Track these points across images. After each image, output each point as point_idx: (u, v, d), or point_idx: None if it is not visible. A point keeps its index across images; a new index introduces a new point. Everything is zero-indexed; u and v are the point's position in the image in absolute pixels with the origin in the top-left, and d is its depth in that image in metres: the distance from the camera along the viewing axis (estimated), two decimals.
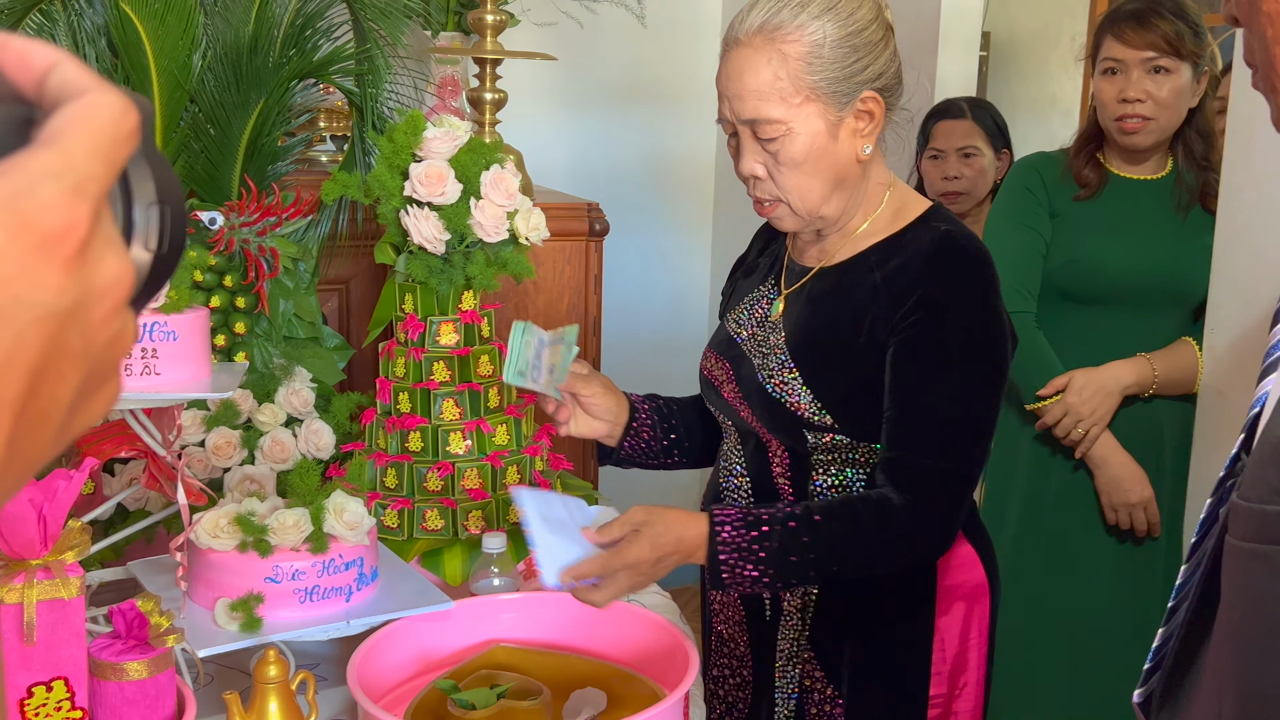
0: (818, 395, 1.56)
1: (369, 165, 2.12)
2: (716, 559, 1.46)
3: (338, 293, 2.43)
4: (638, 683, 1.58)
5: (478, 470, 1.87)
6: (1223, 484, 0.92)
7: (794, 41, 1.49)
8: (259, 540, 1.49)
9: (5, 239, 0.36)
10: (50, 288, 0.37)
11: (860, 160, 1.56)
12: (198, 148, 2.03)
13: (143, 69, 1.96)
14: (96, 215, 0.39)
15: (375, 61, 2.08)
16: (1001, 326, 1.54)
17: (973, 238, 1.56)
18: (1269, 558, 0.76)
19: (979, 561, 1.69)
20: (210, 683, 1.60)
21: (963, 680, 1.69)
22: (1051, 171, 2.47)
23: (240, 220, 1.99)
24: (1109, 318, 2.41)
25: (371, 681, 1.49)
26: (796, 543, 1.46)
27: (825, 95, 1.51)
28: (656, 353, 4.00)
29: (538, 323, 1.65)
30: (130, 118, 0.40)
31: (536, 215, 1.93)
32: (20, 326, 0.37)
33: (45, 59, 0.40)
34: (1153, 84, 2.33)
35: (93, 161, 0.39)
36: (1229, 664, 0.81)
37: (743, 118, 1.53)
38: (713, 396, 1.74)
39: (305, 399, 1.96)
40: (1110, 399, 2.34)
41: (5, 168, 0.37)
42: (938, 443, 1.50)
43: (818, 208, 1.57)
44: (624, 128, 3.97)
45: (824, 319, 1.59)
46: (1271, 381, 0.88)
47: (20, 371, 0.37)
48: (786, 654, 1.69)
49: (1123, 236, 2.40)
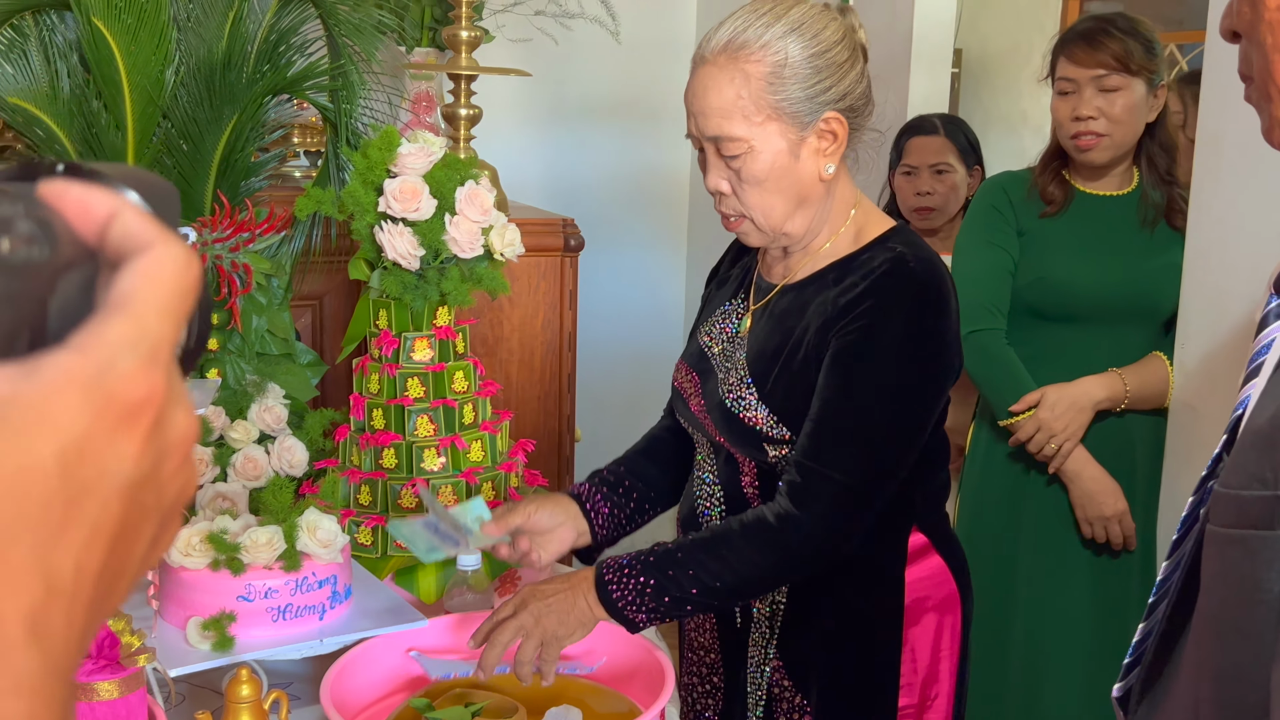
0: (773, 410, 1.57)
1: (343, 181, 2.11)
2: (603, 578, 1.50)
3: (311, 309, 2.42)
4: (614, 699, 1.57)
5: (452, 487, 1.86)
6: (1204, 483, 0.93)
7: (757, 61, 1.50)
8: (231, 558, 1.48)
9: (91, 417, 0.37)
10: (130, 457, 0.39)
11: (823, 179, 1.57)
12: (170, 163, 2.02)
13: (115, 84, 1.95)
14: (169, 378, 0.40)
15: (349, 77, 2.08)
16: (937, 349, 1.53)
17: (926, 260, 1.55)
18: (1246, 541, 0.77)
19: (949, 574, 1.70)
20: (182, 702, 1.59)
21: (934, 691, 1.69)
22: (1018, 190, 2.50)
23: (213, 236, 1.99)
24: (1079, 333, 2.43)
25: (345, 700, 1.48)
26: (674, 564, 1.50)
27: (786, 115, 1.51)
28: (632, 368, 4.00)
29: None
30: (193, 269, 0.41)
31: (511, 231, 1.93)
32: (104, 499, 0.38)
33: (106, 208, 0.41)
34: (1104, 101, 2.36)
35: (163, 323, 0.40)
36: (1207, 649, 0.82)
37: (706, 135, 1.55)
38: (682, 409, 1.74)
39: (278, 415, 1.95)
40: (1083, 414, 2.36)
41: (86, 342, 0.38)
42: (840, 452, 1.50)
43: (780, 225, 1.58)
44: (599, 143, 3.97)
45: (781, 336, 1.60)
46: (1254, 386, 0.90)
47: (104, 541, 0.39)
48: (756, 661, 1.70)
49: (1089, 253, 2.42)
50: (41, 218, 0.39)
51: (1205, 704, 0.82)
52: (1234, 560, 0.79)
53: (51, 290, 0.39)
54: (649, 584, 1.49)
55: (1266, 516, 0.76)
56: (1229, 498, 0.79)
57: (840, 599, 1.63)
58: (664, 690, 1.45)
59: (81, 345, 0.38)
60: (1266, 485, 0.76)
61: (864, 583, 1.63)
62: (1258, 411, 0.81)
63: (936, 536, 1.69)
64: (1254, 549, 0.77)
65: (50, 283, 0.39)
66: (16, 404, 0.36)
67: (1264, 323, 0.92)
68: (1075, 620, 2.44)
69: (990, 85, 4.66)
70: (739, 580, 1.52)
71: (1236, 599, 0.79)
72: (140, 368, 0.39)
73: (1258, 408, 0.81)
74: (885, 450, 1.52)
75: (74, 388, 0.37)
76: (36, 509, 0.36)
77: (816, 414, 1.52)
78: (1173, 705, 0.90)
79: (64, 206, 0.40)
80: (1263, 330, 0.91)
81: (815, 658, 1.66)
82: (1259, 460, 0.77)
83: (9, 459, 0.36)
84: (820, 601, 1.63)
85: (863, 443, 1.51)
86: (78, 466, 0.37)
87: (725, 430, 1.63)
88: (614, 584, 1.50)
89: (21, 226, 0.38)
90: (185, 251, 0.41)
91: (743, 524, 1.52)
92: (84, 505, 0.38)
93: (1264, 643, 0.76)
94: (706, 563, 1.50)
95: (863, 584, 1.63)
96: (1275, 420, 0.77)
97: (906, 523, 1.65)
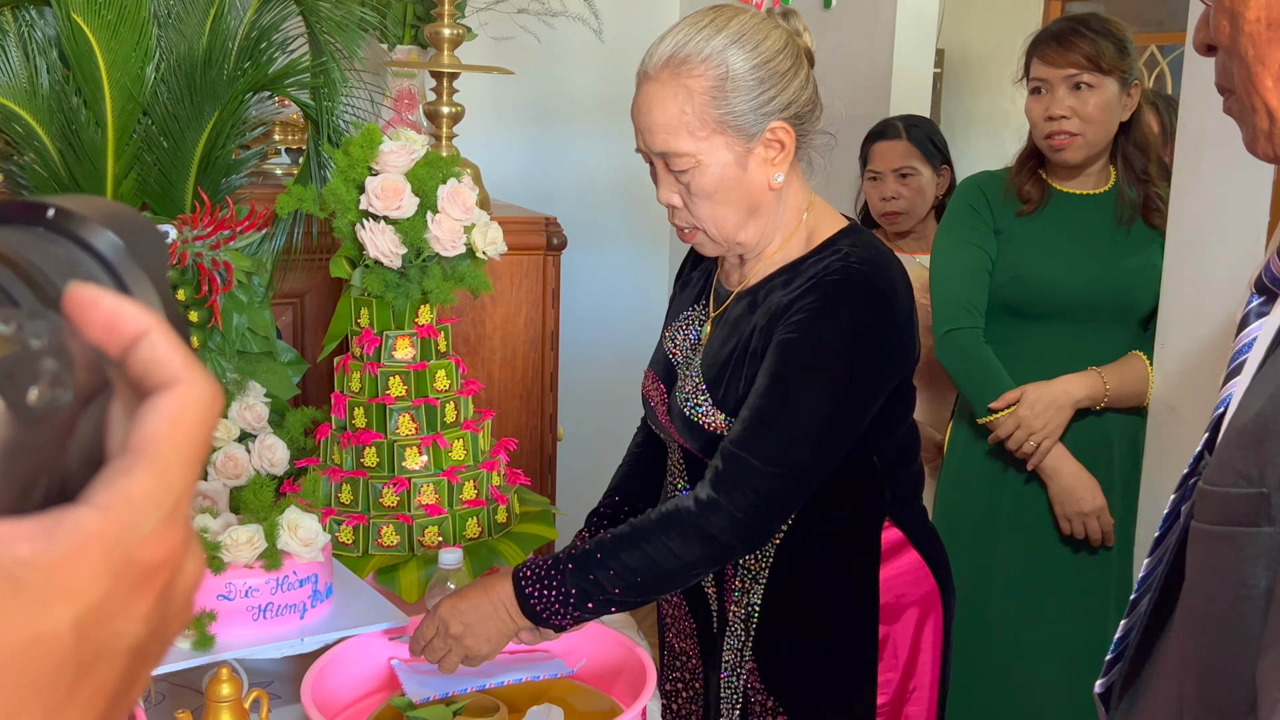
0: (729, 413, 1.58)
1: (324, 179, 2.10)
2: (523, 592, 1.49)
3: (292, 307, 2.41)
4: (595, 697, 1.58)
5: (434, 485, 1.86)
6: (1186, 481, 0.94)
7: (700, 75, 1.50)
8: (211, 557, 1.48)
9: (110, 582, 0.37)
10: (141, 618, 0.38)
11: (772, 188, 1.57)
12: (150, 160, 2.01)
13: (95, 80, 1.94)
14: (186, 531, 0.40)
15: (331, 74, 2.07)
16: (876, 348, 1.53)
17: (873, 261, 1.55)
18: (1233, 539, 0.78)
19: (929, 571, 1.70)
20: (162, 701, 1.58)
21: (913, 684, 1.70)
22: (995, 189, 2.52)
23: (194, 234, 1.98)
24: (1057, 332, 2.45)
25: (326, 699, 1.47)
26: (591, 563, 1.48)
27: (732, 128, 1.51)
28: (614, 367, 4.00)
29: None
30: (217, 407, 0.40)
31: (494, 229, 1.92)
32: (113, 660, 0.38)
33: (136, 326, 0.39)
34: (1077, 100, 2.38)
35: (186, 473, 0.39)
36: (1192, 645, 0.83)
37: (654, 150, 1.55)
38: (651, 417, 1.75)
39: (259, 414, 1.94)
40: (1062, 412, 2.38)
41: (109, 500, 0.37)
42: (767, 442, 1.50)
43: (734, 235, 1.58)
44: (581, 142, 3.97)
45: (733, 342, 1.61)
46: (1236, 384, 0.90)
47: (106, 697, 0.38)
48: (731, 665, 1.70)
49: (1065, 251, 2.44)
50: (65, 351, 0.37)
51: (1189, 699, 0.83)
52: (1219, 557, 0.79)
53: (71, 433, 0.38)
54: (571, 592, 1.48)
55: (1252, 513, 0.77)
56: (1214, 495, 0.80)
57: (814, 600, 1.64)
58: (645, 689, 1.45)
59: (105, 503, 0.37)
60: (1252, 482, 0.77)
61: (838, 583, 1.63)
62: (1242, 409, 0.81)
63: (912, 531, 1.69)
64: (1239, 545, 0.77)
65: (70, 424, 0.37)
66: (37, 569, 0.35)
67: (1244, 322, 0.92)
68: (1053, 617, 2.45)
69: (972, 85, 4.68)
70: (660, 572, 1.49)
71: (1221, 595, 0.79)
72: (162, 528, 0.38)
73: (1242, 405, 0.82)
74: (811, 444, 1.51)
75: (95, 551, 0.36)
76: (49, 677, 0.36)
77: (750, 402, 1.52)
78: (1155, 700, 0.91)
79: (91, 321, 0.39)
80: (1243, 329, 0.92)
81: (788, 659, 1.66)
82: (1244, 457, 0.78)
83: (27, 627, 0.35)
84: (795, 603, 1.63)
85: (790, 435, 1.50)
86: (93, 632, 0.37)
87: (689, 437, 1.63)
88: (535, 597, 1.48)
89: (47, 367, 0.36)
90: (211, 389, 0.40)
91: (661, 514, 1.51)
92: (95, 668, 0.37)
93: (1249, 638, 0.77)
94: (625, 559, 1.48)
95: (837, 584, 1.63)
96: (1260, 418, 0.77)
97: (879, 518, 1.65)
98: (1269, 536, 0.76)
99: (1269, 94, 0.86)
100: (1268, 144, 0.88)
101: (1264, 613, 0.76)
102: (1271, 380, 0.78)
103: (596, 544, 1.50)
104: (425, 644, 1.50)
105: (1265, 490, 0.76)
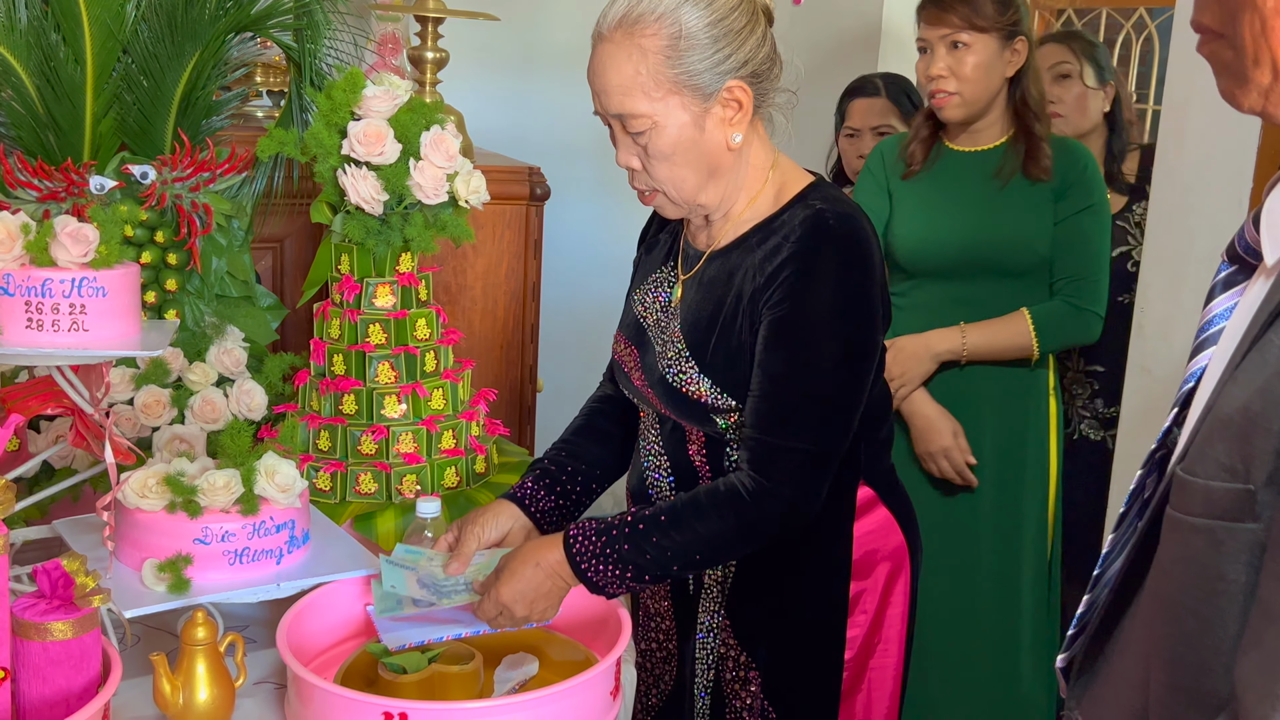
0: (716, 381, 1.58)
1: (306, 122, 2.08)
2: (579, 567, 1.49)
3: (272, 251, 2.39)
4: (570, 647, 1.58)
5: (412, 434, 1.86)
6: (1153, 456, 0.93)
7: (652, 35, 1.48)
8: (188, 501, 1.47)
9: None
10: None
11: (731, 149, 1.56)
12: (130, 100, 1.99)
13: (74, 18, 1.91)
14: None
15: (314, 16, 2.05)
16: (865, 303, 1.54)
17: (844, 215, 1.55)
18: (1212, 531, 0.77)
19: (896, 526, 1.72)
20: (137, 644, 1.58)
21: (879, 638, 1.71)
22: (892, 152, 2.58)
23: (173, 175, 1.96)
24: (943, 288, 2.50)
25: (302, 645, 1.48)
26: (646, 542, 1.49)
27: (687, 88, 1.50)
28: (595, 320, 3.98)
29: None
30: None
31: (477, 178, 1.91)
32: None
33: None
34: (953, 60, 2.41)
35: None
36: (1160, 632, 0.82)
37: (610, 112, 1.54)
38: (625, 382, 1.74)
39: (237, 359, 1.94)
40: (921, 363, 2.45)
41: None
42: (796, 423, 1.52)
43: (694, 196, 1.57)
44: (567, 92, 3.91)
45: (713, 305, 1.60)
46: (1207, 356, 0.89)
47: None
48: (706, 625, 1.71)
49: (942, 210, 2.49)
50: None
51: (1158, 686, 0.82)
52: (1196, 549, 0.78)
53: None
54: (628, 569, 1.49)
55: (1234, 509, 0.76)
56: (1195, 486, 0.79)
57: (790, 558, 1.65)
58: (620, 640, 1.46)
59: None
60: (1237, 476, 0.76)
61: (813, 540, 1.64)
62: (1226, 398, 0.79)
63: (883, 488, 1.71)
64: (1219, 540, 0.77)
65: None
66: None
67: (1212, 293, 0.91)
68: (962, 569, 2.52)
69: None
70: (716, 551, 1.54)
71: (1196, 586, 0.78)
72: None
73: (1226, 394, 0.79)
74: (837, 411, 1.54)
75: None
76: None
77: (763, 389, 1.53)
78: (1118, 680, 0.90)
79: None
80: (1212, 299, 0.91)
81: (761, 616, 1.67)
82: (1228, 451, 0.76)
83: None
84: (770, 562, 1.64)
85: (815, 409, 1.52)
86: None
87: (670, 404, 1.63)
88: (590, 571, 1.49)
89: None
90: None
91: (713, 497, 1.52)
92: None
93: (1224, 632, 0.76)
94: (681, 539, 1.50)
95: (812, 541, 1.64)
96: (1248, 412, 0.76)
97: (853, 478, 1.66)
98: (1252, 533, 0.75)
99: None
100: (1260, 98, 0.84)
101: (1241, 608, 0.75)
102: (1258, 371, 0.77)
103: (650, 524, 1.51)
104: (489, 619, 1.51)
105: (1251, 487, 0.75)
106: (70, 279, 1.39)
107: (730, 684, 1.69)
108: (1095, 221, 2.41)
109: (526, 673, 1.53)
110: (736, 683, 1.69)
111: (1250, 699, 0.71)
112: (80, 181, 1.89)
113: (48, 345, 1.39)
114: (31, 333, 1.39)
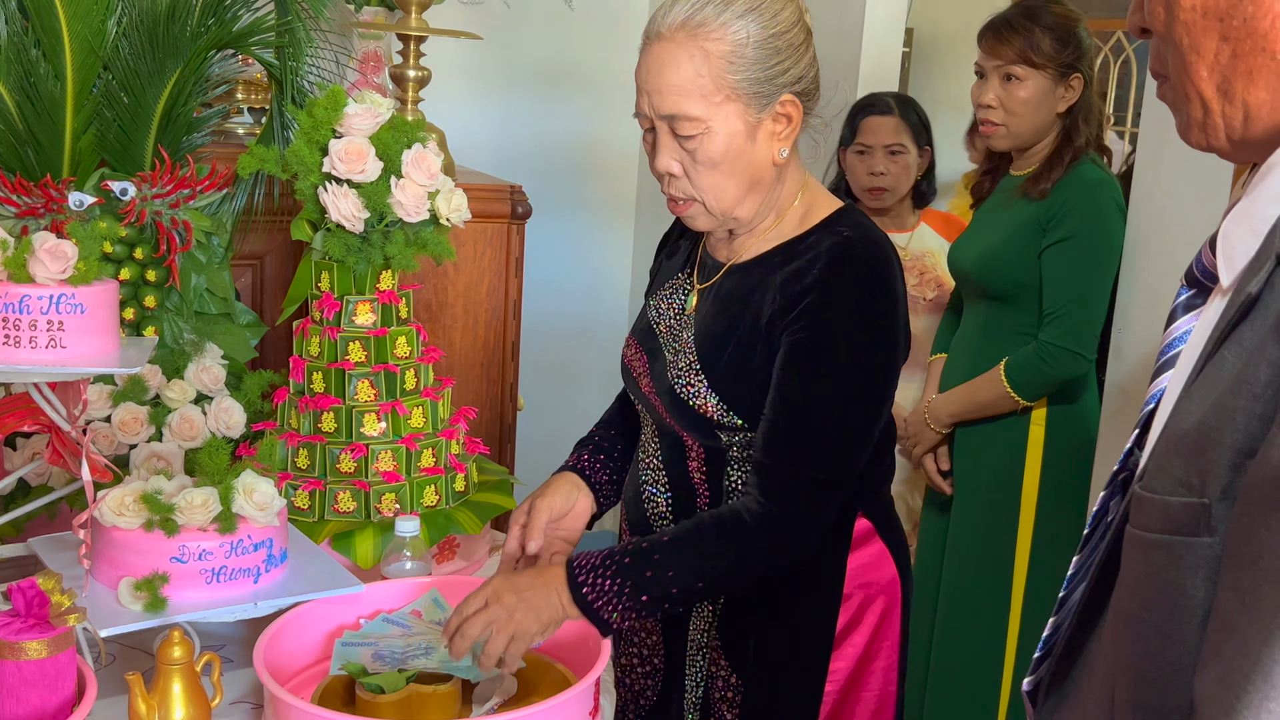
0: (724, 398, 1.57)
1: (287, 140, 2.08)
2: (575, 580, 1.49)
3: (252, 268, 2.39)
4: (548, 668, 1.58)
5: (392, 453, 1.85)
6: (1115, 477, 0.94)
7: (717, 39, 1.49)
8: (165, 519, 1.47)
9: None
10: None
11: (776, 163, 1.56)
12: (110, 116, 1.98)
13: (55, 33, 1.90)
14: None
15: (296, 34, 2.05)
16: (887, 334, 1.54)
17: (872, 243, 1.55)
18: (1171, 547, 0.77)
19: (890, 558, 1.71)
20: (112, 663, 1.57)
21: (870, 670, 1.71)
22: None
23: (153, 191, 1.95)
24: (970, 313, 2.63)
25: (279, 664, 1.47)
26: (648, 561, 1.49)
27: (746, 95, 1.50)
28: (575, 338, 4.00)
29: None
30: None
31: (458, 196, 1.91)
32: None
33: None
34: (1005, 92, 2.46)
35: None
36: (1125, 650, 0.82)
37: (661, 113, 1.52)
38: (632, 386, 1.74)
39: (216, 376, 1.93)
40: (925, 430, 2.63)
41: None
42: (809, 451, 1.51)
43: (732, 209, 1.57)
44: (549, 111, 3.94)
45: (728, 321, 1.59)
46: (1168, 378, 0.90)
47: None
48: (696, 644, 1.71)
49: (970, 236, 2.60)
50: None
51: (1121, 705, 0.82)
52: (1156, 565, 0.79)
53: None
54: (625, 585, 1.48)
55: (1191, 523, 0.76)
56: (1153, 502, 0.79)
57: (783, 583, 1.64)
58: (599, 661, 1.46)
59: None
60: (1193, 491, 0.76)
61: (806, 570, 1.64)
62: (1180, 413, 0.80)
63: (880, 521, 1.70)
64: (1178, 555, 0.77)
65: None
66: None
67: (1173, 316, 0.92)
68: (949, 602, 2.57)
69: (940, 66, 4.68)
70: (718, 578, 1.53)
71: (1158, 603, 0.78)
72: None
73: (1180, 409, 0.80)
74: (851, 441, 1.54)
75: None
76: None
77: (779, 413, 1.52)
78: (1085, 701, 0.90)
79: None
80: (1172, 322, 0.92)
81: (752, 639, 1.67)
82: (1184, 465, 0.77)
83: None
84: (760, 586, 1.64)
85: (828, 436, 1.52)
86: None
87: (675, 414, 1.63)
88: (586, 585, 1.48)
89: None
90: None
91: (719, 523, 1.52)
92: None
93: (1186, 647, 0.76)
94: (684, 561, 1.49)
95: (804, 571, 1.63)
96: (1203, 427, 0.76)
97: (853, 510, 1.66)
98: (1208, 547, 0.75)
99: (1203, 84, 0.85)
100: (1200, 133, 0.87)
101: (1201, 623, 0.75)
102: (1213, 386, 0.77)
103: (653, 544, 1.51)
104: (468, 617, 1.47)
105: (1206, 501, 0.75)
106: (48, 295, 1.39)
107: (718, 704, 1.69)
108: (1073, 252, 2.38)
109: (505, 694, 1.53)
110: (723, 702, 1.68)
111: (1210, 711, 0.71)
112: (59, 198, 1.89)
113: (25, 362, 1.38)
114: (9, 349, 1.38)
